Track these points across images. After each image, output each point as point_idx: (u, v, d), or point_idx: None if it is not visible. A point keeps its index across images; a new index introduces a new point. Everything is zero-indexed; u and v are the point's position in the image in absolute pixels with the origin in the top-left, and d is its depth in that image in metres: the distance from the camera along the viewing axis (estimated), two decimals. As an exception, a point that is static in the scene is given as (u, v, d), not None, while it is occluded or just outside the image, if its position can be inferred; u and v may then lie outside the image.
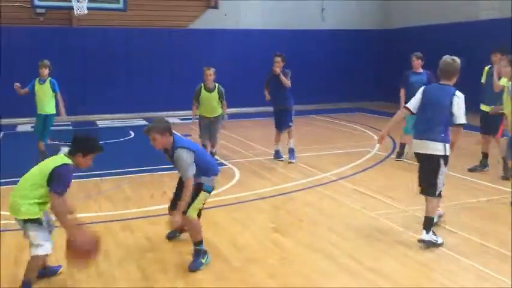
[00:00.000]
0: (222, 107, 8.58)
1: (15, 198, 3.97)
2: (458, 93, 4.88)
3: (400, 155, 9.02)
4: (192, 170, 4.43)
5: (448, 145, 4.87)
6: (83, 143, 4.07)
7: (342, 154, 9.47)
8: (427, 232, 4.87)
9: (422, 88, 5.17)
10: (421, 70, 8.85)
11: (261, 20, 17.05)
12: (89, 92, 15.02)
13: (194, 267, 4.44)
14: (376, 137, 11.12)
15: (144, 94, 15.57)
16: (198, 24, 16.68)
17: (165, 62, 15.79)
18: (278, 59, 8.89)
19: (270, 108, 9.48)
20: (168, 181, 7.14)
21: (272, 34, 16.53)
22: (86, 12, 12.52)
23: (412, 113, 5.11)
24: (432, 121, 4.89)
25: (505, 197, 6.39)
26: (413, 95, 9.83)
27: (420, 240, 4.89)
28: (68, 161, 3.98)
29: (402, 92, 8.80)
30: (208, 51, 15.73)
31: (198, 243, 4.51)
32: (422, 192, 5.06)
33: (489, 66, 7.95)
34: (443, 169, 4.91)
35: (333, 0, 17.80)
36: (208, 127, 8.62)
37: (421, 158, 5.02)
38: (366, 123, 13.36)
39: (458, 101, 4.83)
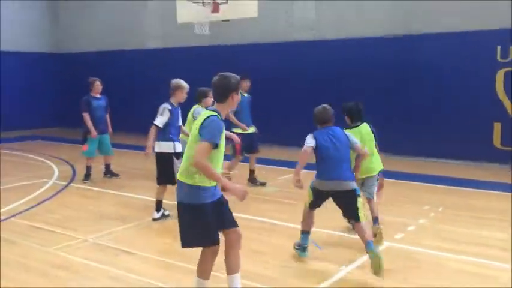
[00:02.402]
0: None
1: None
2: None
3: (87, 176, 9.06)
4: None
5: None
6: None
7: (16, 188, 8.61)
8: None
9: None
10: (99, 95, 9.02)
11: None
12: None
13: None
14: (54, 166, 10.57)
15: None
16: None
17: None
18: None
19: None
20: None
21: None
22: None
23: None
24: None
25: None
26: (97, 118, 9.79)
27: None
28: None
29: (87, 117, 8.83)
30: None
31: None
32: None
33: None
34: None
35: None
36: None
37: None
38: (43, 152, 12.54)
39: None
